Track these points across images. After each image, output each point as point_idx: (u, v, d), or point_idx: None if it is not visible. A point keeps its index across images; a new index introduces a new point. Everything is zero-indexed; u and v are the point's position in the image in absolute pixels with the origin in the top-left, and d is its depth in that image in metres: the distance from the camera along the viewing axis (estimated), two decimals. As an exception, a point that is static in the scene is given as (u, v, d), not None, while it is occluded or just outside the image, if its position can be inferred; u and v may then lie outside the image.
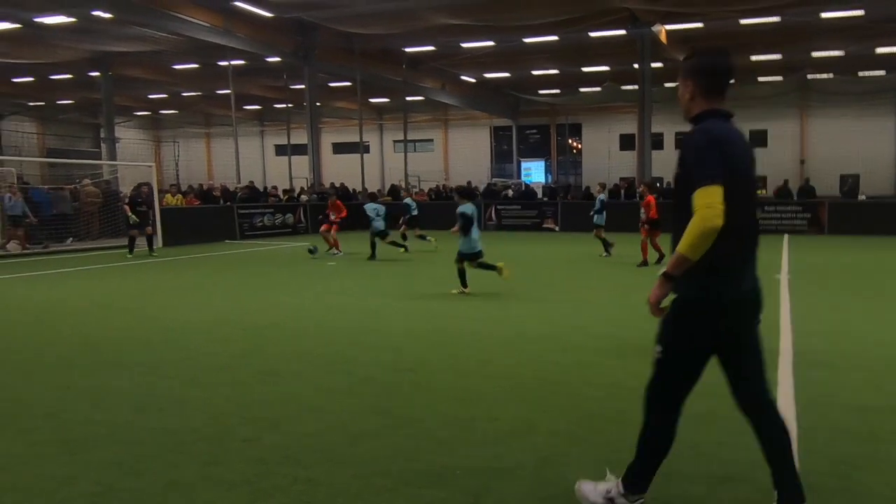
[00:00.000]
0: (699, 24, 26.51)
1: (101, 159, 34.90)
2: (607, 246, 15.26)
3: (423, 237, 18.17)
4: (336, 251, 16.43)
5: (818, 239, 20.54)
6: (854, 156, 37.70)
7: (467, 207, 10.10)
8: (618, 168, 40.35)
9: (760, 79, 37.25)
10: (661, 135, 40.30)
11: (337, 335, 7.28)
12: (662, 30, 27.28)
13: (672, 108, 39.45)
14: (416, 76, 35.29)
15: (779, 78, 36.28)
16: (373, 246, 15.42)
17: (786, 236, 21.05)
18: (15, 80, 36.37)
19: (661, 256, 13.45)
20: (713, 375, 5.32)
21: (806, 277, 11.70)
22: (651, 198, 13.72)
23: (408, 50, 31.49)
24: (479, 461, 3.81)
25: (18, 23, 24.31)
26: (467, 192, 11.38)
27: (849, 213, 22.43)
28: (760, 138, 40.77)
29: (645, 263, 13.50)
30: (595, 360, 6.10)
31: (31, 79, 36.23)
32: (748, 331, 2.99)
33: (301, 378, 5.59)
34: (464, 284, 10.12)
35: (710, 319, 2.88)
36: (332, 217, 16.64)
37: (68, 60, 31.19)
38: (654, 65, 29.09)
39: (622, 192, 26.27)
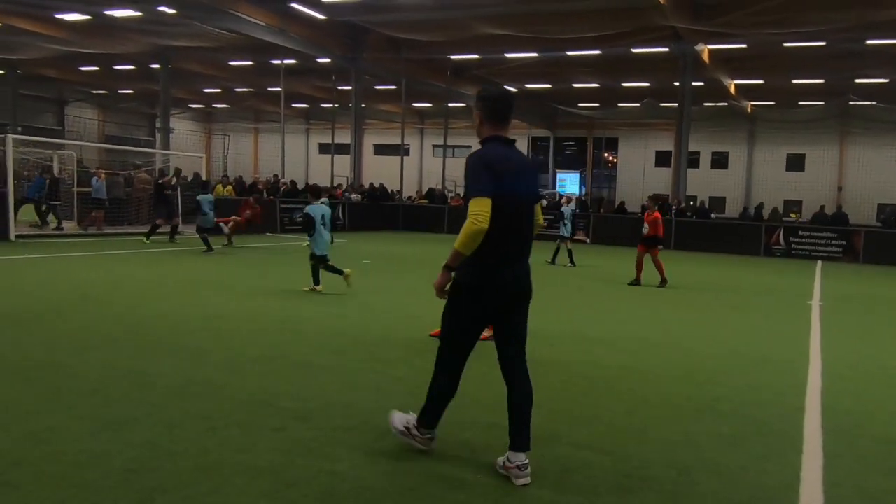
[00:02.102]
0: (742, 45, 26.32)
1: (155, 148, 35.86)
2: (571, 257, 16.03)
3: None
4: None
5: (852, 267, 20.19)
6: (893, 185, 36.97)
7: (313, 208, 9.82)
8: (652, 184, 40.07)
9: (801, 102, 36.73)
10: (697, 153, 39.95)
11: (370, 332, 7.39)
12: (705, 49, 27.11)
13: (710, 128, 39.21)
14: (460, 83, 35.54)
15: (820, 102, 35.73)
16: (205, 240, 15.18)
17: (819, 262, 20.73)
18: (82, 68, 37.85)
19: (663, 280, 12.78)
20: (743, 397, 5.32)
21: (838, 305, 11.55)
22: (658, 214, 12.93)
23: (453, 57, 31.73)
24: (501, 466, 3.85)
25: (90, 14, 25.59)
26: (315, 192, 10.62)
27: (886, 242, 21.95)
28: (798, 162, 40.19)
29: (638, 282, 12.82)
30: (616, 374, 6.12)
31: (96, 68, 37.71)
32: (510, 310, 3.71)
33: (333, 373, 5.70)
34: (315, 282, 10.01)
35: (477, 298, 3.62)
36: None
37: (132, 52, 32.41)
38: (694, 83, 28.90)
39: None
